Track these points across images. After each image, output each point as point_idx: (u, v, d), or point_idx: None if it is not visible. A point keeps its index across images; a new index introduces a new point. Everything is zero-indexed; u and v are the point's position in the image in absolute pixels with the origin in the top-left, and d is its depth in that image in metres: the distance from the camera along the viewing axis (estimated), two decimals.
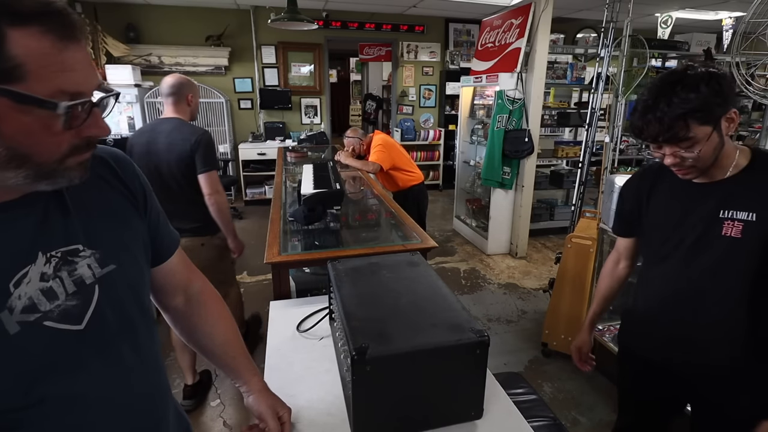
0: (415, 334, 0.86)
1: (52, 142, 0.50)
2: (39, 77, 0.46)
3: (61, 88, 0.48)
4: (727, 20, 4.44)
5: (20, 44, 0.44)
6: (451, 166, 6.42)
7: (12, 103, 0.45)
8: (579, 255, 2.43)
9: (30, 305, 0.53)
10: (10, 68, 0.44)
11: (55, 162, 0.51)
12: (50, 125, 0.48)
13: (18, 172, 0.49)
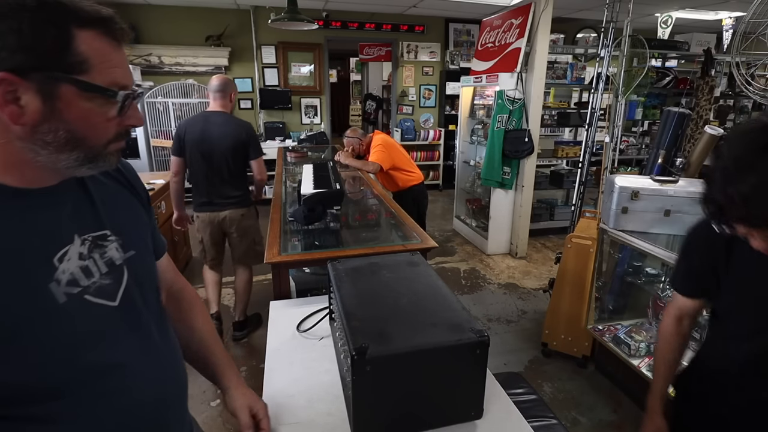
0: (415, 334, 0.86)
1: (104, 127, 0.58)
2: (99, 71, 0.55)
3: (115, 80, 0.57)
4: (727, 20, 4.45)
5: (85, 43, 0.53)
6: (451, 166, 6.42)
7: (78, 91, 0.53)
8: (579, 255, 2.43)
9: (72, 280, 0.59)
10: (77, 62, 0.52)
11: (102, 146, 0.59)
12: (105, 112, 0.57)
13: (71, 155, 0.56)
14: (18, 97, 0.51)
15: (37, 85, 0.51)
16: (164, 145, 5.24)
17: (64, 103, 0.53)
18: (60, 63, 0.52)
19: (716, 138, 2.30)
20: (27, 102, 0.51)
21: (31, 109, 0.52)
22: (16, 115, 0.51)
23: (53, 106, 0.53)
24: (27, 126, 0.52)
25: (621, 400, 2.26)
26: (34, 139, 0.54)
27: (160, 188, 2.99)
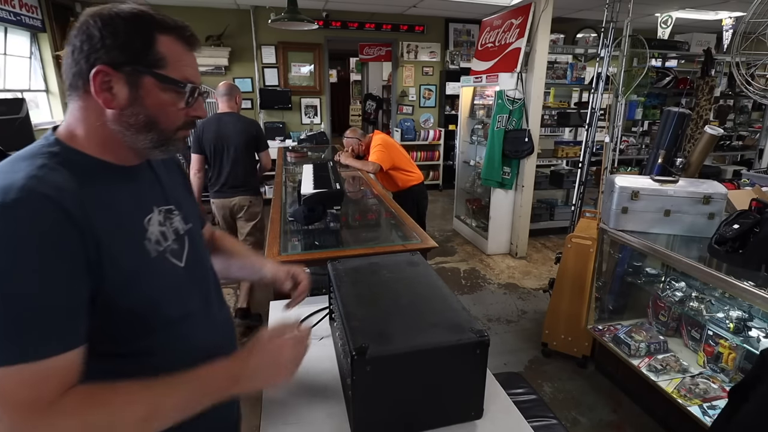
0: (415, 334, 0.86)
1: (174, 114, 0.69)
2: (174, 67, 0.67)
3: (185, 76, 0.69)
4: (727, 20, 4.45)
5: (164, 45, 0.66)
6: (451, 166, 6.42)
7: (156, 83, 0.66)
8: (579, 255, 2.43)
9: (157, 240, 0.71)
10: (157, 59, 0.65)
11: (171, 131, 0.70)
12: (176, 101, 0.69)
13: (147, 136, 0.68)
14: (111, 86, 0.64)
15: (126, 76, 0.64)
16: None
17: (145, 91, 0.65)
18: (144, 59, 0.64)
19: (716, 138, 2.31)
20: (117, 90, 0.64)
21: (120, 96, 0.64)
22: (109, 101, 0.64)
23: (137, 94, 0.65)
24: (116, 110, 0.65)
25: (621, 400, 2.26)
26: (121, 122, 0.66)
27: None
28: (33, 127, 3.13)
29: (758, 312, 1.91)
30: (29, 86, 4.56)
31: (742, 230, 1.73)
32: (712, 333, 2.05)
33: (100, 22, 0.62)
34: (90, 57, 0.62)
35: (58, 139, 0.66)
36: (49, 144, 0.65)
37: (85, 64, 0.63)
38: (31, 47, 4.54)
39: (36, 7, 4.37)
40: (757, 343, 1.85)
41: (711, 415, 1.82)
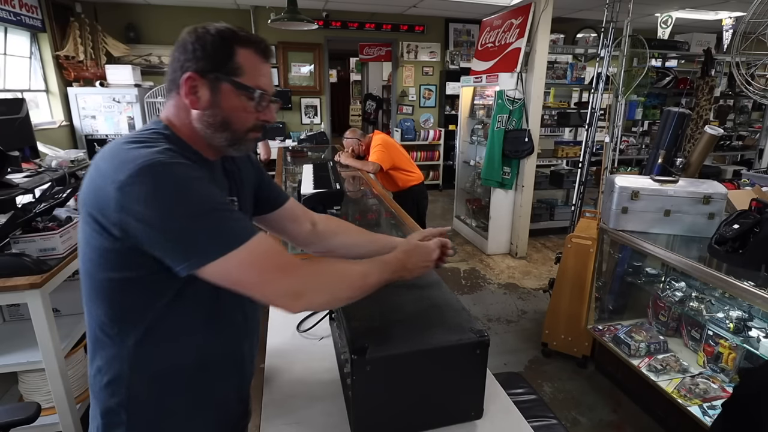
0: (415, 334, 0.86)
1: (245, 117, 0.79)
2: (249, 76, 0.77)
3: (258, 85, 0.78)
4: (727, 20, 4.45)
5: (242, 56, 0.77)
6: (451, 166, 6.42)
7: (232, 88, 0.77)
8: (579, 255, 2.43)
9: None
10: (235, 68, 0.76)
11: (243, 132, 0.80)
12: (246, 106, 0.79)
13: (223, 135, 0.79)
14: (197, 90, 0.76)
15: (209, 82, 0.76)
16: None
17: (223, 96, 0.77)
18: (225, 68, 0.76)
19: (716, 138, 2.31)
20: (201, 94, 0.76)
21: (203, 99, 0.76)
22: (194, 102, 0.77)
23: (216, 98, 0.77)
24: (199, 110, 0.77)
25: (621, 400, 2.26)
26: (202, 121, 0.78)
27: None
28: (33, 127, 3.12)
29: (758, 312, 1.91)
30: (29, 86, 4.56)
31: (742, 230, 1.73)
32: (712, 333, 2.05)
33: (194, 36, 0.76)
34: (183, 65, 0.76)
35: (166, 125, 0.80)
36: (162, 128, 0.79)
37: (179, 71, 0.76)
38: (31, 47, 4.54)
39: (36, 7, 4.37)
40: (757, 343, 1.85)
41: (711, 415, 1.82)
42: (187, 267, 0.69)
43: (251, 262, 0.71)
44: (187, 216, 0.68)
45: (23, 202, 1.95)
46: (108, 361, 0.77)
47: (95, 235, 0.71)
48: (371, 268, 0.83)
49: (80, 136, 4.92)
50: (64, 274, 1.74)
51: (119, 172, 0.66)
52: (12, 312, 1.95)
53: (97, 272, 0.74)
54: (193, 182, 0.70)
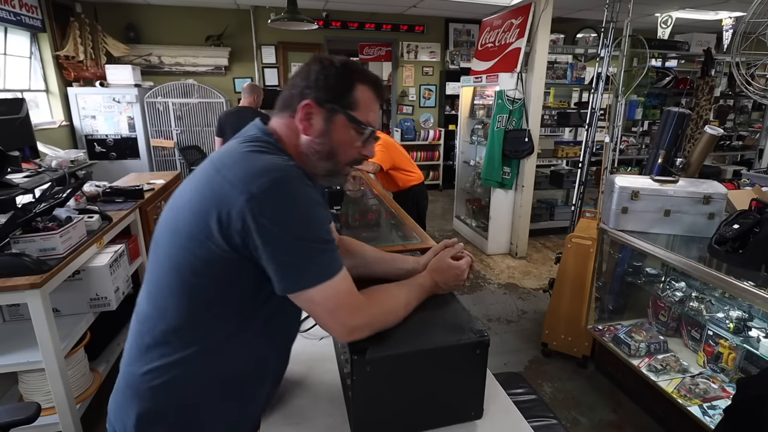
0: (415, 334, 0.86)
1: (351, 150, 0.83)
2: (362, 111, 0.81)
3: (369, 120, 0.82)
4: (727, 20, 4.45)
5: (359, 92, 0.80)
6: (451, 166, 6.42)
7: (346, 121, 0.80)
8: (579, 255, 2.43)
9: None
10: (352, 102, 0.79)
11: (343, 165, 0.84)
12: (354, 139, 0.82)
13: (326, 164, 0.82)
14: (311, 117, 0.79)
15: (325, 112, 0.79)
16: (164, 145, 5.24)
17: (335, 126, 0.80)
18: (342, 101, 0.79)
19: (716, 138, 2.31)
20: (315, 122, 0.79)
21: (316, 127, 0.79)
22: (307, 128, 0.79)
23: (329, 128, 0.79)
24: (310, 137, 0.80)
25: (621, 400, 2.26)
26: (310, 147, 0.80)
27: (160, 188, 2.99)
28: (33, 127, 3.13)
29: (758, 312, 1.91)
30: (29, 86, 4.56)
31: (742, 230, 1.73)
32: (712, 333, 2.05)
33: (318, 66, 0.79)
34: (303, 91, 0.78)
35: (277, 139, 0.81)
36: (274, 140, 0.80)
37: (297, 96, 0.79)
38: (31, 47, 4.54)
39: (36, 7, 4.38)
40: (757, 343, 1.85)
41: (711, 415, 1.83)
42: (289, 289, 0.72)
43: (332, 296, 0.74)
44: (308, 241, 0.71)
45: (23, 202, 1.95)
46: (167, 364, 0.77)
47: (203, 240, 0.71)
48: (412, 296, 0.90)
49: (80, 136, 4.92)
50: (64, 274, 1.74)
51: (250, 182, 0.69)
52: (12, 312, 1.95)
53: (191, 276, 0.74)
54: (317, 208, 0.73)
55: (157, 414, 0.78)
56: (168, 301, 0.76)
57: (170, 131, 5.25)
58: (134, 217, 2.55)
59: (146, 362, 0.77)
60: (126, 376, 0.81)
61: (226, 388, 0.81)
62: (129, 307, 2.79)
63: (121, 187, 2.67)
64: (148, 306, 0.80)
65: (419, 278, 0.94)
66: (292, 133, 0.81)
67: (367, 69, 0.83)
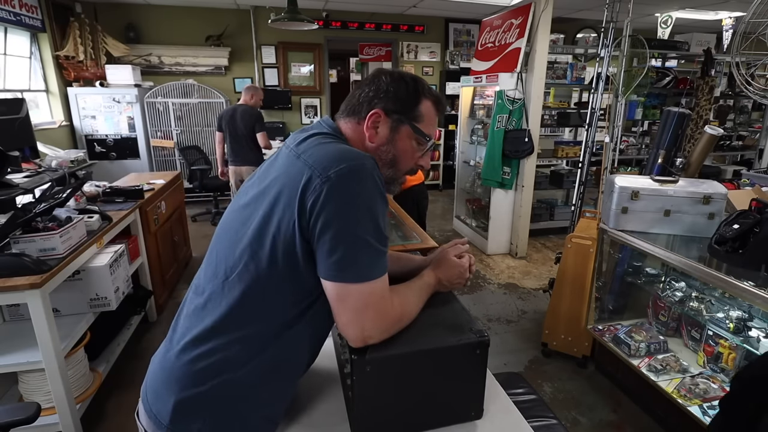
0: (415, 334, 0.86)
1: (411, 159, 0.88)
2: (425, 124, 0.86)
3: (430, 133, 0.87)
4: (727, 20, 4.45)
5: (425, 106, 0.85)
6: (451, 166, 6.42)
7: (410, 132, 0.85)
8: (579, 255, 2.43)
9: None
10: (417, 115, 0.84)
11: (402, 173, 0.89)
12: (414, 150, 0.87)
13: (387, 171, 0.86)
14: (378, 126, 0.83)
15: (392, 122, 0.83)
16: (164, 145, 5.24)
17: (400, 137, 0.84)
18: (409, 113, 0.84)
19: (716, 138, 2.31)
20: (381, 131, 0.84)
21: (381, 135, 0.84)
22: (372, 136, 0.84)
23: (394, 137, 0.84)
24: (374, 145, 0.84)
25: (621, 400, 2.26)
26: (375, 154, 0.84)
27: (160, 188, 2.99)
28: (33, 127, 3.13)
29: (758, 312, 1.91)
30: (29, 86, 4.56)
31: (742, 230, 1.73)
32: (712, 333, 2.05)
33: (390, 78, 0.84)
34: (373, 100, 0.83)
35: (347, 139, 0.85)
36: (339, 134, 0.85)
37: (366, 104, 0.83)
38: (31, 47, 4.54)
39: (36, 7, 4.38)
40: (757, 343, 1.85)
41: (711, 415, 1.82)
42: (330, 276, 0.73)
43: (366, 296, 0.75)
44: (366, 234, 0.72)
45: (23, 202, 1.95)
46: (216, 348, 0.77)
47: (279, 221, 0.74)
48: (421, 298, 0.90)
49: (80, 136, 4.93)
50: (64, 274, 1.74)
51: (329, 166, 0.71)
52: (12, 312, 1.95)
53: (260, 260, 0.75)
54: (383, 204, 0.74)
55: (197, 402, 0.78)
56: (234, 285, 0.77)
57: (170, 131, 5.25)
58: (134, 217, 2.55)
59: (199, 346, 0.78)
60: (169, 361, 0.80)
61: (270, 378, 0.81)
62: (129, 307, 2.77)
63: (121, 187, 2.67)
64: (209, 289, 0.80)
65: (426, 277, 0.94)
66: (358, 137, 0.85)
67: (431, 86, 0.89)
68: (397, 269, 1.06)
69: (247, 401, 0.80)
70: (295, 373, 0.86)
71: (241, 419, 0.80)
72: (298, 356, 0.84)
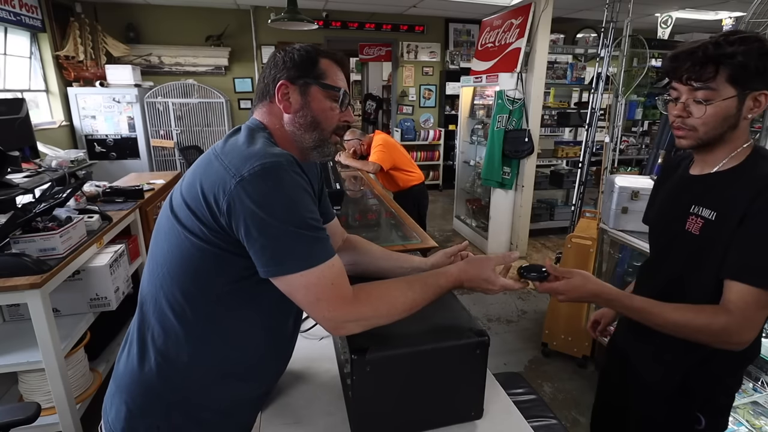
0: (415, 334, 0.86)
1: (331, 116, 0.88)
2: (331, 79, 0.88)
3: (338, 85, 0.88)
4: (727, 20, 4.45)
5: (323, 64, 0.87)
6: (451, 166, 6.41)
7: (320, 89, 0.86)
8: (579, 255, 2.43)
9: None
10: (319, 74, 0.87)
11: (329, 132, 0.89)
12: (332, 106, 0.88)
13: (312, 135, 0.87)
14: (288, 95, 0.85)
15: (299, 87, 0.86)
16: (164, 145, 5.24)
17: (312, 97, 0.86)
18: (311, 74, 0.86)
19: None
20: (293, 99, 0.86)
21: (294, 102, 0.86)
22: (287, 107, 0.86)
23: (306, 100, 0.86)
24: (291, 114, 0.86)
25: None
26: (294, 123, 0.86)
27: (160, 188, 2.99)
28: (33, 127, 3.13)
29: None
30: (29, 86, 4.56)
31: None
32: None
33: (282, 53, 0.88)
34: (276, 76, 0.86)
35: (264, 126, 0.87)
36: (263, 129, 0.86)
37: (272, 82, 0.86)
38: (31, 47, 4.54)
39: (36, 7, 4.38)
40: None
41: None
42: (270, 272, 0.74)
43: (313, 285, 0.74)
44: (293, 225, 0.73)
45: (23, 202, 1.95)
46: (162, 346, 0.82)
47: (196, 222, 0.76)
48: (421, 296, 0.84)
49: (80, 136, 4.92)
50: (64, 274, 1.74)
51: (242, 166, 0.73)
52: (12, 312, 1.95)
53: (186, 259, 0.79)
54: (304, 194, 0.75)
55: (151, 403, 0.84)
56: (166, 281, 0.81)
57: (170, 131, 5.25)
58: (134, 217, 2.55)
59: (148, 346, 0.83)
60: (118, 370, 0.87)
61: (212, 378, 0.85)
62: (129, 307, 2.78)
63: (121, 187, 2.67)
64: (148, 290, 0.85)
65: (440, 279, 0.87)
66: (274, 117, 0.87)
67: (324, 47, 0.91)
68: (394, 268, 1.09)
69: (195, 401, 0.86)
70: (245, 376, 0.89)
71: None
72: (236, 359, 0.87)
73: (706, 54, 0.87)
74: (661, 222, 1.09)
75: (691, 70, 0.89)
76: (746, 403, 1.90)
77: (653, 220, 1.14)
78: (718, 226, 0.92)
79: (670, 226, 1.03)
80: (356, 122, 9.05)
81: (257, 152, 0.75)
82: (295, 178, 0.74)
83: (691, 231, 0.96)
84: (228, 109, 5.60)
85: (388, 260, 1.12)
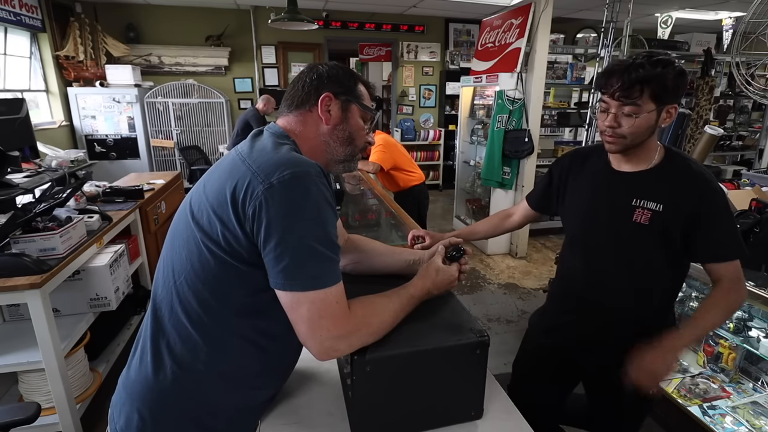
0: (415, 334, 0.86)
1: (362, 135, 0.93)
2: (366, 101, 0.92)
3: (372, 109, 0.93)
4: (727, 20, 4.45)
5: (360, 88, 0.92)
6: (451, 166, 6.42)
7: (358, 109, 0.91)
8: None
9: None
10: (359, 95, 0.91)
11: (359, 149, 0.94)
12: (364, 126, 0.93)
13: (345, 149, 0.91)
14: (330, 108, 0.88)
15: (341, 102, 0.89)
16: (164, 145, 5.24)
17: (351, 114, 0.90)
18: (353, 93, 0.90)
19: (716, 138, 2.31)
20: (334, 112, 0.89)
21: (335, 116, 0.89)
22: (327, 119, 0.88)
23: (345, 115, 0.90)
24: (330, 126, 0.89)
25: None
26: (332, 135, 0.89)
27: (160, 188, 2.99)
28: (33, 127, 3.13)
29: (758, 312, 1.91)
30: (29, 86, 4.56)
31: (742, 230, 1.74)
32: (712, 333, 2.05)
33: (326, 68, 0.90)
34: (319, 87, 0.88)
35: (288, 135, 0.87)
36: (286, 137, 0.86)
37: (314, 92, 0.87)
38: (31, 47, 4.54)
39: (36, 7, 4.38)
40: (757, 343, 1.85)
41: (711, 415, 1.82)
42: (279, 284, 0.74)
43: (319, 304, 0.73)
44: (314, 240, 0.72)
45: (23, 202, 1.95)
46: (173, 354, 0.80)
47: (220, 225, 0.74)
48: (401, 310, 0.87)
49: (80, 136, 4.93)
50: (64, 274, 1.74)
51: (271, 173, 0.72)
52: (12, 312, 1.95)
53: (202, 266, 0.77)
54: (328, 210, 0.75)
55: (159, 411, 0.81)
56: (183, 290, 0.79)
57: (170, 131, 5.25)
58: (134, 217, 2.55)
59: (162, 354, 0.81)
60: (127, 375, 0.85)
61: (226, 386, 0.83)
62: (129, 307, 2.77)
63: (121, 187, 2.67)
64: (163, 296, 0.83)
65: (410, 289, 0.92)
66: (308, 127, 0.89)
67: (360, 75, 0.97)
68: (394, 262, 1.12)
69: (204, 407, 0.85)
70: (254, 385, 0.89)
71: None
72: (242, 370, 0.86)
73: (636, 76, 1.04)
74: (598, 213, 1.22)
75: (622, 88, 1.06)
76: (746, 403, 1.90)
77: (583, 211, 1.26)
78: (666, 215, 1.11)
79: (615, 217, 1.18)
80: None
81: (288, 160, 0.75)
82: (321, 189, 0.74)
83: (640, 222, 1.14)
84: (228, 109, 5.61)
85: (391, 255, 1.13)
